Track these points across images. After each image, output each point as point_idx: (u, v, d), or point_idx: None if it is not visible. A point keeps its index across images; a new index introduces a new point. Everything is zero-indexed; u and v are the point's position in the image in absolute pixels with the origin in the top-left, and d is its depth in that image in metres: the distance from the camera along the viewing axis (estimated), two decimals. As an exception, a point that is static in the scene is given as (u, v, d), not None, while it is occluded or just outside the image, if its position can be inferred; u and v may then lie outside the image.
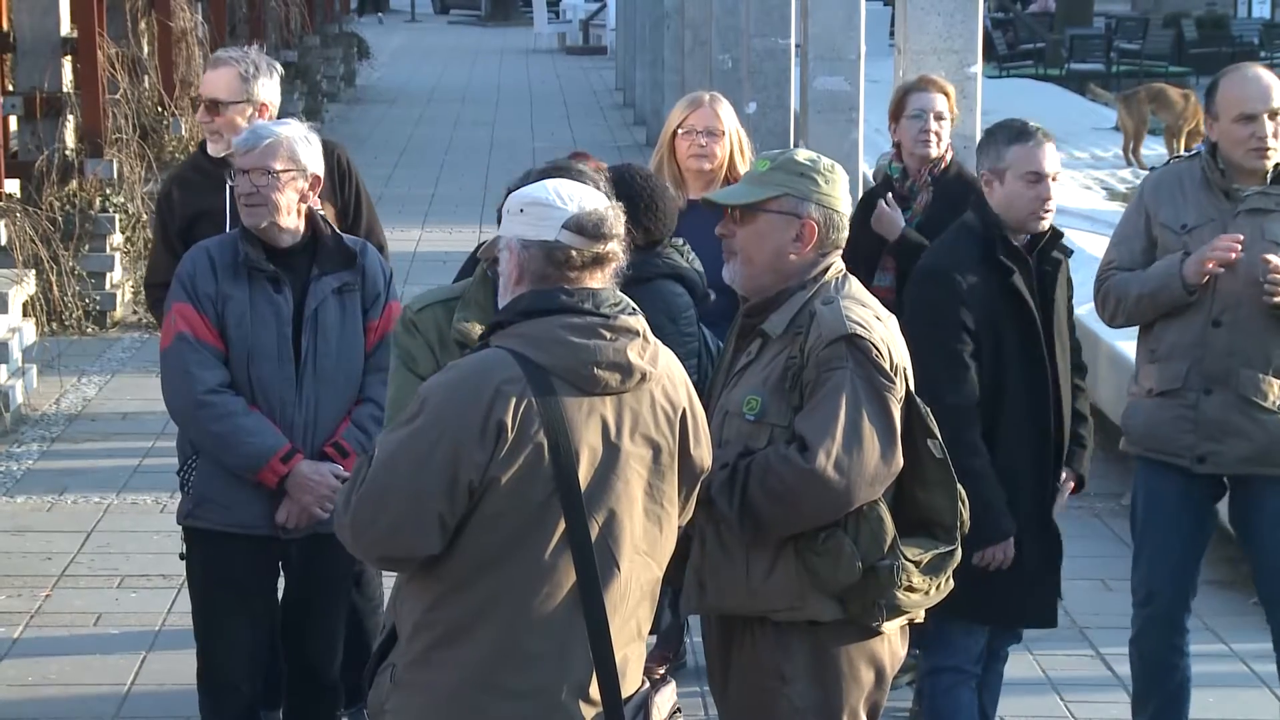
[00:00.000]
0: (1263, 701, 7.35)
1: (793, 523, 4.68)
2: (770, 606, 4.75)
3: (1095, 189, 19.24)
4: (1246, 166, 6.14)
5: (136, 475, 10.03)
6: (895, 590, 4.71)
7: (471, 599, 4.13)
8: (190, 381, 5.71)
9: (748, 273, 4.82)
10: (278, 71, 6.77)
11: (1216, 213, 6.15)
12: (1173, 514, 6.26)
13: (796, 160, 4.83)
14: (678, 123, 7.16)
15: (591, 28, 43.07)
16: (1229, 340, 6.11)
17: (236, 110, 6.61)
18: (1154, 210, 6.25)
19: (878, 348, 4.69)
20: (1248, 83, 6.16)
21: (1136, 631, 6.38)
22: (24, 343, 11.57)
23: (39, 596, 8.28)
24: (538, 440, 4.09)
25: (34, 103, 13.77)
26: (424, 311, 5.01)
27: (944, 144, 7.28)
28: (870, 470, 4.64)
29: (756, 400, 4.74)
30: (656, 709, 4.28)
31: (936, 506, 4.83)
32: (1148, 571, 6.32)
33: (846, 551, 4.67)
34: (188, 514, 5.87)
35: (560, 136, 23.85)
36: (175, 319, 5.76)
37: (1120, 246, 6.34)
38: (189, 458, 5.85)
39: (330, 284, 5.81)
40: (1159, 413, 6.22)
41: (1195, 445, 6.16)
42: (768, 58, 14.94)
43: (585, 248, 4.20)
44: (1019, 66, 35.04)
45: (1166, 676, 6.34)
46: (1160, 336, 6.22)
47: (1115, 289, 6.25)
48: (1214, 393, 6.12)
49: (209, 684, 5.96)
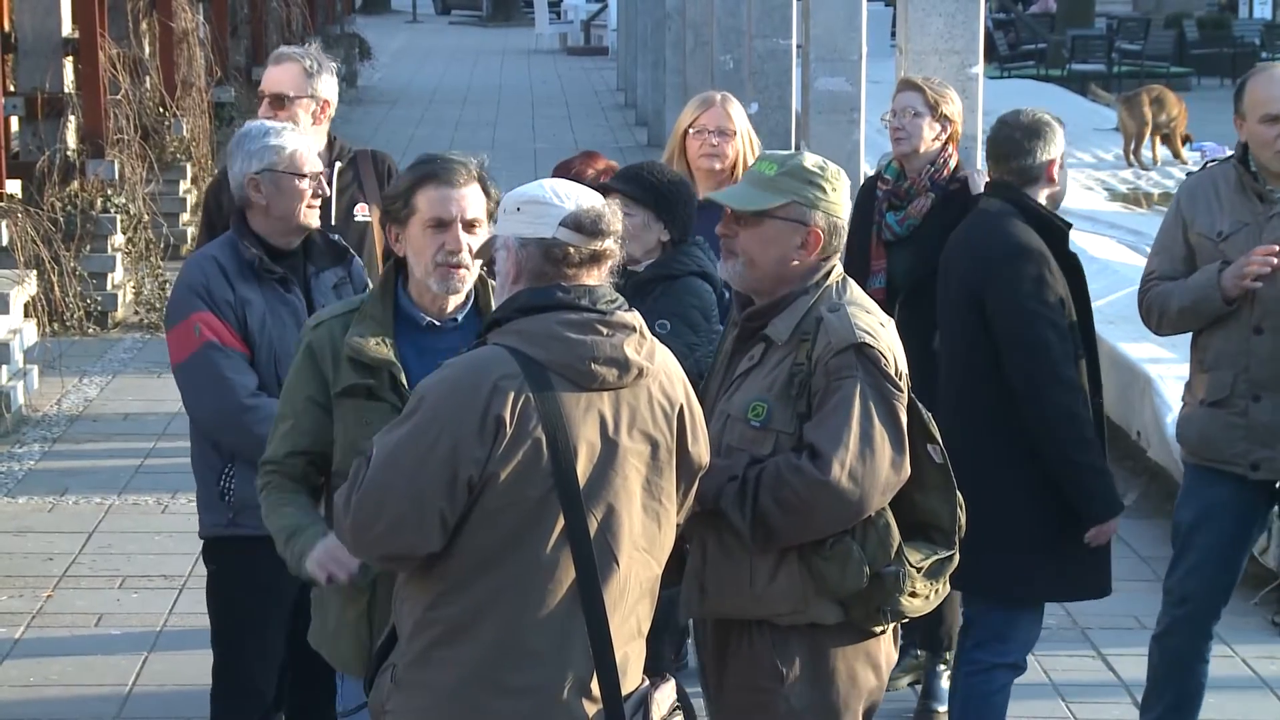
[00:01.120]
0: (1264, 703, 7.34)
1: (806, 532, 4.67)
2: (773, 611, 4.74)
3: (1096, 190, 19.24)
4: (1274, 168, 6.12)
5: (138, 476, 10.03)
6: (899, 596, 4.70)
7: (471, 597, 4.14)
8: (229, 387, 5.65)
9: (749, 274, 4.80)
10: (335, 70, 6.81)
11: (1251, 216, 6.13)
12: (1223, 521, 6.25)
13: (805, 167, 4.79)
14: (689, 122, 7.15)
15: (593, 28, 43.08)
16: (1273, 346, 6.10)
17: (301, 105, 6.65)
18: (1190, 218, 6.24)
19: (885, 355, 4.69)
20: (1273, 83, 6.14)
21: (1163, 629, 6.37)
22: (25, 343, 11.57)
23: (40, 597, 8.28)
24: (536, 436, 4.09)
25: (35, 103, 13.78)
26: (319, 328, 4.90)
27: (920, 140, 7.21)
28: (882, 478, 4.64)
29: (763, 406, 4.72)
30: (656, 706, 4.28)
31: (935, 510, 4.82)
32: (1186, 575, 6.31)
33: (854, 558, 4.67)
34: (229, 523, 5.76)
35: (562, 137, 23.86)
36: (200, 328, 5.69)
37: (1160, 256, 6.34)
38: (225, 467, 5.78)
39: (329, 280, 5.83)
40: (1211, 422, 6.21)
41: (1248, 452, 6.16)
42: (769, 58, 14.93)
43: (583, 245, 4.20)
44: (1020, 67, 35.03)
45: (1184, 678, 6.33)
46: (1207, 346, 6.22)
47: (1157, 301, 6.27)
48: (1262, 399, 6.12)
49: (233, 689, 5.90)
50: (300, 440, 4.87)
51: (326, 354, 4.84)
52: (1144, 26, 36.44)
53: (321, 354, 4.85)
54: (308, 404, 4.85)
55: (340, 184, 6.66)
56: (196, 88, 16.86)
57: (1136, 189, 19.64)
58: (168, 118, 15.96)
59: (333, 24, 31.74)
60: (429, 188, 4.79)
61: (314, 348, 4.86)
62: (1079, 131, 23.88)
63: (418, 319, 4.89)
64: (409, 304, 4.90)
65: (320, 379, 4.85)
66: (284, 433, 4.89)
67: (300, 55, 6.72)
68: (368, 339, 4.80)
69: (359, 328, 4.83)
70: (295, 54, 6.74)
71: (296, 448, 4.88)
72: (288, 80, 6.67)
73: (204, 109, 16.95)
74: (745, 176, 4.93)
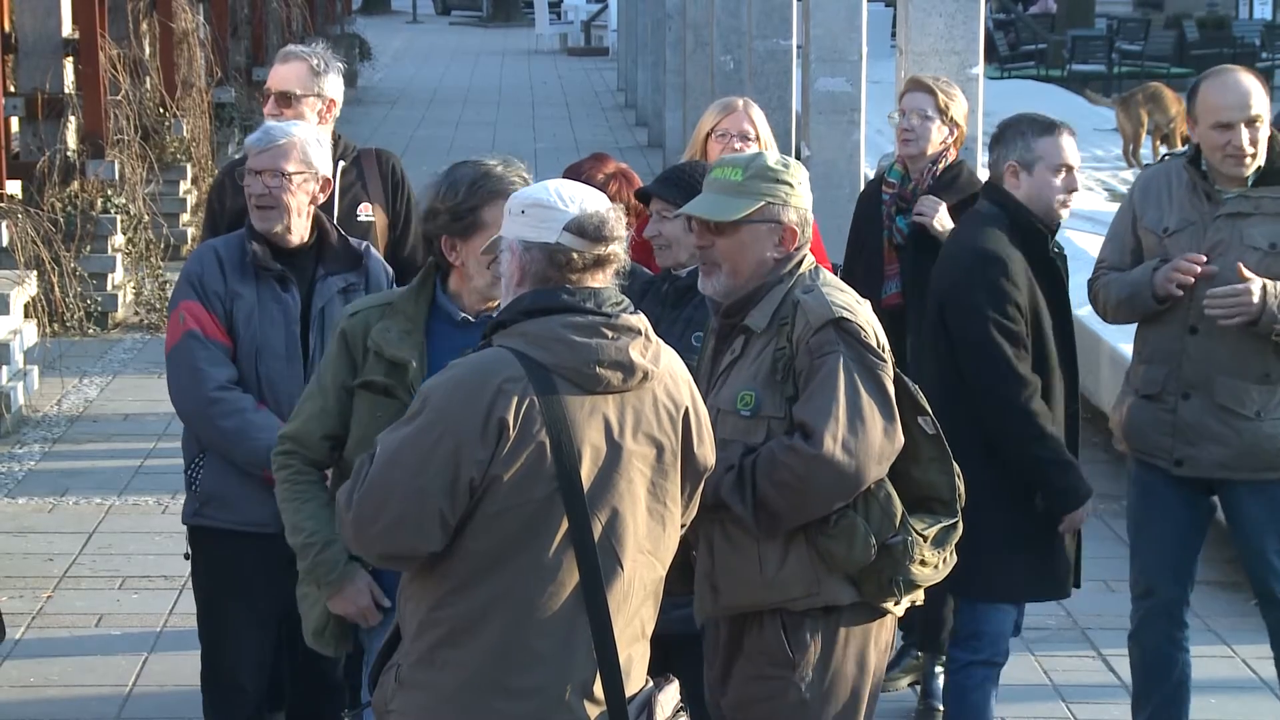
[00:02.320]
0: (1264, 703, 7.34)
1: (807, 510, 4.71)
2: (787, 596, 4.77)
3: (1097, 190, 19.25)
4: (1224, 172, 6.14)
5: (138, 476, 10.04)
6: (910, 564, 4.74)
7: (475, 598, 4.14)
8: (200, 378, 5.71)
9: (732, 284, 4.84)
10: (342, 69, 6.81)
11: (1197, 215, 6.15)
12: (1165, 508, 6.29)
13: (770, 166, 4.84)
14: (711, 126, 7.12)
15: (593, 29, 43.10)
16: (1206, 347, 6.12)
17: (307, 104, 6.65)
18: (1140, 212, 6.28)
19: (864, 329, 4.74)
20: (1226, 90, 6.09)
21: (1135, 626, 6.40)
22: (25, 344, 11.57)
23: (40, 598, 8.28)
24: (540, 439, 4.10)
25: (36, 104, 13.77)
26: (355, 317, 5.05)
27: (928, 143, 7.22)
28: (876, 448, 4.69)
29: (751, 395, 4.77)
30: (660, 708, 4.28)
31: (933, 482, 4.87)
32: (1144, 566, 6.37)
33: (860, 531, 4.71)
34: (194, 513, 5.87)
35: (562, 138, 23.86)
36: (184, 316, 5.76)
37: (1109, 245, 6.40)
38: (195, 457, 5.85)
39: (336, 284, 5.83)
40: (1142, 414, 6.27)
41: (1173, 448, 6.20)
42: (769, 59, 14.94)
43: (586, 250, 4.20)
44: (1020, 68, 35.03)
45: (1166, 672, 6.34)
46: (1146, 338, 6.29)
47: (1103, 290, 6.33)
48: (1191, 398, 6.15)
49: (214, 685, 5.96)
50: (327, 423, 5.04)
51: (359, 343, 5.00)
52: (1144, 27, 36.45)
53: (354, 343, 5.00)
54: (339, 390, 5.01)
55: (343, 183, 6.66)
56: (197, 88, 16.87)
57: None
58: (168, 118, 15.96)
59: (333, 24, 31.73)
60: (498, 204, 4.79)
61: (348, 335, 5.02)
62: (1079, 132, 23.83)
63: (453, 314, 5.01)
64: (446, 300, 5.04)
65: (351, 366, 5.00)
66: (312, 413, 5.05)
67: (307, 53, 6.73)
68: (392, 335, 4.95)
69: (386, 322, 4.98)
70: (302, 52, 6.75)
71: (324, 430, 5.05)
72: (294, 78, 6.68)
73: (204, 109, 16.95)
74: (710, 185, 4.90)
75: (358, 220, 6.66)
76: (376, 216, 6.72)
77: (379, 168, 6.82)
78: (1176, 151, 6.63)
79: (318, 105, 6.67)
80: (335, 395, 5.03)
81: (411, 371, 4.93)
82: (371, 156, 6.84)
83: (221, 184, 6.77)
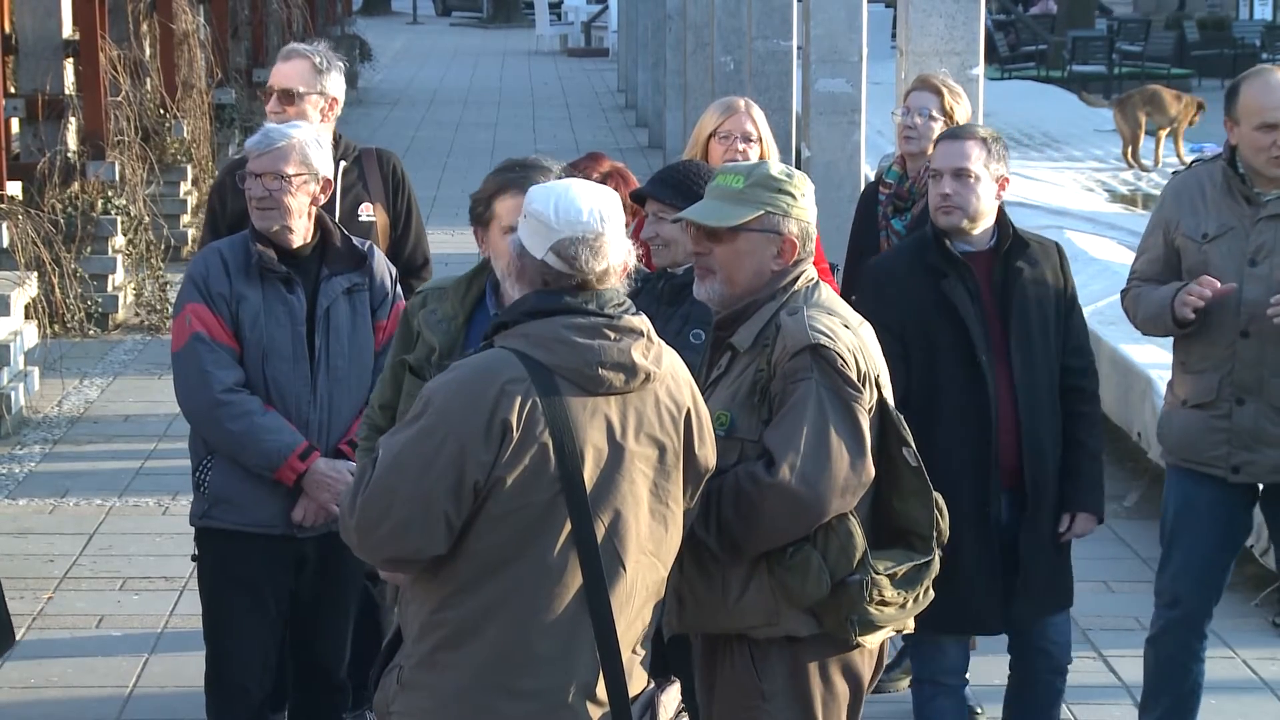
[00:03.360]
0: (1265, 704, 7.34)
1: (763, 539, 4.60)
2: (747, 623, 4.68)
3: (1097, 191, 19.25)
4: (1266, 174, 6.09)
5: (138, 477, 10.04)
6: (866, 605, 4.62)
7: (478, 600, 4.14)
8: (207, 380, 5.72)
9: (728, 292, 4.74)
10: (344, 68, 6.82)
11: (1237, 220, 6.09)
12: (1205, 522, 6.23)
13: (774, 176, 4.75)
14: (713, 127, 7.10)
15: (593, 30, 43.08)
16: (1258, 350, 6.07)
17: (310, 102, 6.65)
18: (1175, 220, 6.19)
19: (843, 357, 4.61)
20: (1270, 91, 6.05)
21: (1157, 631, 6.36)
22: (26, 345, 11.56)
23: (41, 599, 8.28)
24: (543, 440, 4.10)
25: (36, 105, 13.76)
26: (416, 297, 5.31)
27: (929, 142, 7.19)
28: (840, 480, 4.56)
29: (726, 416, 4.66)
30: (663, 709, 4.29)
31: (913, 516, 4.75)
32: (1175, 576, 6.29)
33: (814, 565, 4.58)
34: (203, 514, 5.86)
35: (562, 138, 23.86)
36: (190, 319, 5.75)
37: (1142, 257, 6.33)
38: (204, 459, 5.85)
39: (340, 285, 5.84)
40: (1193, 424, 6.19)
41: (1230, 455, 6.14)
42: (769, 60, 14.94)
43: (567, 273, 4.19)
44: (1021, 68, 35.03)
45: (1180, 679, 6.33)
46: (1189, 349, 6.20)
47: (1132, 303, 6.28)
48: (1246, 403, 6.10)
49: (218, 686, 5.95)
50: (385, 393, 5.37)
51: (415, 323, 5.25)
52: (1144, 28, 36.43)
53: (412, 320, 5.27)
54: (395, 363, 5.31)
55: (345, 183, 6.66)
56: (197, 89, 16.86)
57: (1137, 190, 19.66)
58: (168, 119, 15.95)
59: (333, 25, 31.73)
60: (507, 196, 5.05)
61: (409, 314, 5.28)
62: (1080, 133, 23.91)
63: (490, 306, 5.15)
64: (490, 292, 5.18)
65: (407, 342, 5.26)
66: (381, 382, 5.43)
67: (310, 51, 6.74)
68: (434, 318, 5.18)
69: (432, 305, 5.21)
70: (305, 50, 6.76)
71: (381, 399, 5.38)
72: (296, 76, 6.69)
73: (204, 110, 16.95)
74: (711, 192, 4.82)
75: (359, 220, 6.67)
76: (378, 216, 6.73)
77: (380, 168, 6.83)
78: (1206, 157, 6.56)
79: (320, 103, 6.67)
80: (392, 368, 5.32)
81: (435, 357, 5.07)
82: (372, 156, 6.85)
83: (222, 185, 6.77)
